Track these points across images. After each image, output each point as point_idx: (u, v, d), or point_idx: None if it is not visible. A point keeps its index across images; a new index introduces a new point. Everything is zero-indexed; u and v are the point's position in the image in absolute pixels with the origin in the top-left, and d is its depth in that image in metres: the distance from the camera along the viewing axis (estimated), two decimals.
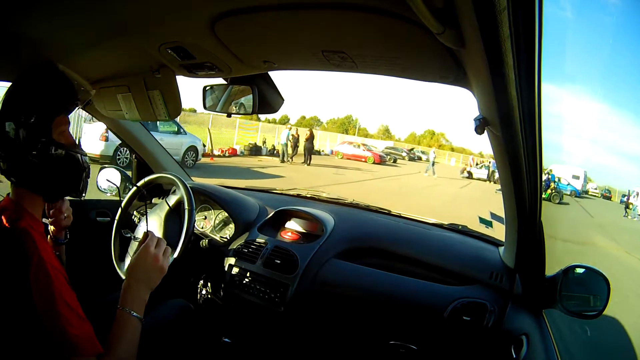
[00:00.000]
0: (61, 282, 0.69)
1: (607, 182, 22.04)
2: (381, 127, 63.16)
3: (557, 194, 13.10)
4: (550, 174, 13.51)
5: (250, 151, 14.01)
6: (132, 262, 0.84)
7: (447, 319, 1.11)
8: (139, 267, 0.83)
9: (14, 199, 0.77)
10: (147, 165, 1.68)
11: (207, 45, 0.82)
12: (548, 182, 13.11)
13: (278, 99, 1.07)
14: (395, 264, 1.29)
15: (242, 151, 13.77)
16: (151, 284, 0.83)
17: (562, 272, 0.98)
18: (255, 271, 1.33)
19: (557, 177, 13.80)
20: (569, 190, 14.90)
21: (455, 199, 10.35)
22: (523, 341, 0.91)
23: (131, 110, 1.13)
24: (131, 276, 0.82)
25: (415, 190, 11.09)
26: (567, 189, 14.66)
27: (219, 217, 1.57)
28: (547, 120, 0.63)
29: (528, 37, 0.47)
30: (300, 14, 0.66)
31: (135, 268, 0.83)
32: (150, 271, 0.83)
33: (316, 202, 1.72)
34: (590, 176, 19.17)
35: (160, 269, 0.85)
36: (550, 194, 12.99)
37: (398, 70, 0.78)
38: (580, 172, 17.66)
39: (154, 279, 0.84)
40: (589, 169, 18.94)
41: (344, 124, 57.83)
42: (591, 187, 20.05)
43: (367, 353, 1.27)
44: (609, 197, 20.63)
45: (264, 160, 13.08)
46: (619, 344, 2.44)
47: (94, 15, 0.76)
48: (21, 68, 0.83)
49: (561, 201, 13.17)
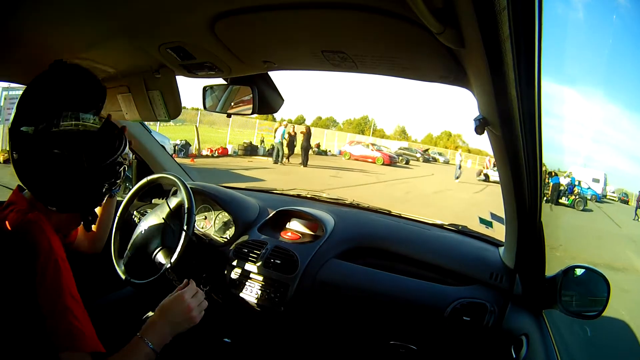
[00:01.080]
0: (69, 275, 0.69)
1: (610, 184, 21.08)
2: (397, 127, 63.12)
3: (581, 200, 12.35)
4: (570, 177, 12.90)
5: (244, 151, 13.18)
6: (167, 302, 0.85)
7: (447, 319, 1.11)
8: (172, 309, 0.84)
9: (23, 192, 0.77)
10: (147, 165, 1.68)
11: (207, 45, 0.82)
12: (571, 187, 12.56)
13: (278, 99, 1.07)
14: (396, 264, 1.29)
15: (236, 151, 13.01)
16: (177, 329, 0.83)
17: (562, 272, 0.98)
18: (255, 271, 1.33)
19: (577, 181, 13.10)
20: (590, 194, 13.82)
21: (469, 207, 8.72)
22: (523, 341, 0.91)
23: (131, 110, 1.13)
24: (161, 314, 0.82)
25: (423, 196, 9.96)
26: (587, 193, 13.62)
27: (219, 217, 1.57)
28: (547, 120, 0.63)
29: (528, 37, 0.47)
30: (300, 14, 0.65)
31: (168, 308, 0.83)
32: (181, 317, 0.84)
33: (316, 202, 1.72)
34: None
35: (191, 319, 0.86)
36: (574, 199, 12.30)
37: (398, 70, 0.78)
38: (600, 175, 16.36)
39: (182, 326, 0.84)
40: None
41: (360, 124, 57.48)
42: (609, 190, 18.66)
43: (367, 353, 1.27)
44: (627, 200, 18.98)
45: (256, 161, 12.22)
46: (619, 344, 2.44)
47: (94, 15, 0.76)
48: (21, 68, 0.83)
49: (585, 208, 12.40)
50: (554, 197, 11.86)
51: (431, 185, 12.74)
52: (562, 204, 12.16)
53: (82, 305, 0.69)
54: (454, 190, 12.19)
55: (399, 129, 62.64)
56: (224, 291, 1.41)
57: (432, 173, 17.20)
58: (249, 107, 1.04)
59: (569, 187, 12.51)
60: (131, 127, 1.57)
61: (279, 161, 12.28)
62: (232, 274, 1.38)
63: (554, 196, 11.88)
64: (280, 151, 12.35)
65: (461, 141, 57.78)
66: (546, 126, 0.66)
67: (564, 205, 12.14)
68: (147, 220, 1.37)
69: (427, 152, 28.57)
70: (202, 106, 1.13)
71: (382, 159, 17.76)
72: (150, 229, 1.33)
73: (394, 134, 59.33)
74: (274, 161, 12.27)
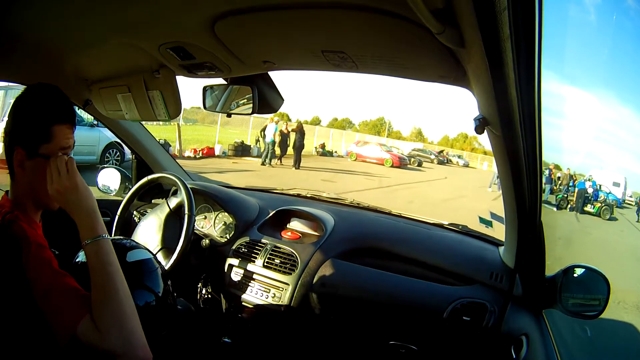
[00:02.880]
0: (54, 262, 0.69)
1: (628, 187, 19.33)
2: (414, 129, 62.21)
3: (607, 208, 10.74)
4: (591, 181, 11.47)
5: (235, 151, 11.93)
6: None
7: (447, 319, 1.11)
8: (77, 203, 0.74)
9: (11, 197, 0.77)
10: (147, 165, 1.68)
11: (207, 45, 0.82)
12: (596, 193, 11.09)
13: (278, 99, 1.07)
14: (395, 264, 1.29)
15: (225, 151, 11.74)
16: (82, 209, 0.73)
17: (562, 272, 0.98)
18: (255, 271, 1.33)
19: (597, 185, 11.57)
20: (611, 199, 12.09)
21: None
22: (523, 341, 0.91)
23: (131, 110, 1.13)
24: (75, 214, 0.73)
25: (429, 205, 8.29)
26: (609, 198, 11.96)
27: (219, 217, 1.57)
28: (547, 120, 0.63)
29: (528, 37, 0.46)
30: (300, 14, 0.66)
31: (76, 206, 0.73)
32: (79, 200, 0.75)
33: (316, 202, 1.72)
34: None
35: None
36: (600, 207, 10.64)
37: (398, 70, 0.78)
38: (620, 179, 14.86)
39: (80, 205, 0.74)
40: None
41: (376, 126, 56.36)
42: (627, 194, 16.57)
43: (367, 353, 1.27)
44: None
45: (241, 163, 10.85)
46: (619, 344, 2.44)
47: (94, 15, 0.76)
48: (21, 68, 0.83)
49: (611, 216, 10.84)
50: (579, 204, 10.66)
51: (442, 190, 10.93)
52: (588, 212, 10.72)
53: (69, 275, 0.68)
54: (469, 197, 10.13)
55: (415, 130, 61.80)
56: (224, 291, 1.41)
57: (445, 176, 15.61)
58: (249, 107, 1.04)
59: (594, 194, 11.12)
60: (131, 127, 1.57)
61: (267, 162, 10.90)
62: (232, 274, 1.38)
63: (579, 204, 10.69)
64: (269, 151, 10.95)
65: (477, 143, 57.30)
66: (546, 125, 0.66)
67: (590, 213, 10.66)
68: (147, 220, 1.37)
69: (442, 154, 26.23)
70: (202, 106, 1.13)
71: (391, 160, 16.45)
72: (150, 229, 1.33)
73: (410, 135, 58.42)
74: (262, 162, 10.92)
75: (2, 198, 0.78)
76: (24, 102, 0.75)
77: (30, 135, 0.73)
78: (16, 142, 0.73)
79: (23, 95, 0.76)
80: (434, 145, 42.80)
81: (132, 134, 1.59)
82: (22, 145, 0.73)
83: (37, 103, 0.75)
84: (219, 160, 10.62)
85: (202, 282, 1.48)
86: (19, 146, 0.73)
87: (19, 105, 0.75)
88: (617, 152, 20.78)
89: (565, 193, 11.52)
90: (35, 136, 0.73)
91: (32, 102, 0.75)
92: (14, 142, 0.73)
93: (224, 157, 11.38)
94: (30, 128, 0.73)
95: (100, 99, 1.20)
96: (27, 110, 0.74)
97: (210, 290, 1.47)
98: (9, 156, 0.75)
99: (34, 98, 0.76)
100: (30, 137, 0.73)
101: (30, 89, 0.77)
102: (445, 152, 27.50)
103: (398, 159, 16.91)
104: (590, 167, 14.34)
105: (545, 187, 11.43)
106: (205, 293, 1.46)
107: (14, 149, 0.73)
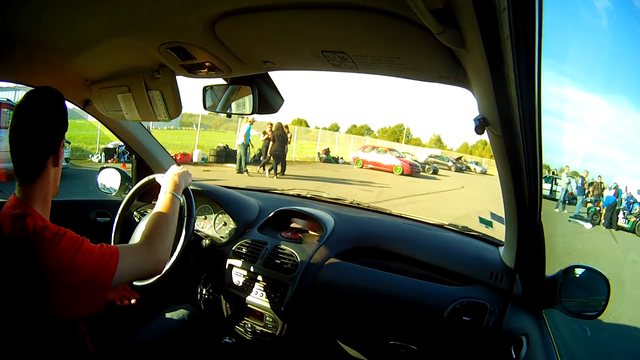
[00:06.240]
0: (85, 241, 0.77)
1: None
2: (433, 136, 61.84)
3: None
4: (617, 189, 9.95)
5: (217, 157, 10.98)
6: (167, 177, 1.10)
7: (447, 319, 1.11)
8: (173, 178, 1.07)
9: (20, 197, 0.78)
10: (147, 165, 1.68)
11: (207, 45, 0.82)
12: (630, 206, 9.42)
13: (278, 99, 1.07)
14: (396, 264, 1.29)
15: (205, 157, 10.85)
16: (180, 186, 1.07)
17: (562, 272, 0.98)
18: (255, 271, 1.33)
19: (629, 194, 10.02)
20: (638, 209, 10.05)
21: None
22: (523, 341, 0.91)
23: (131, 110, 1.13)
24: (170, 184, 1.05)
25: None
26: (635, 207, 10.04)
27: (219, 218, 1.57)
28: (547, 120, 0.63)
29: (528, 37, 0.47)
30: (300, 14, 0.66)
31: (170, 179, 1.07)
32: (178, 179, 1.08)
33: (316, 202, 1.72)
34: None
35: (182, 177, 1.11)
36: (635, 222, 8.83)
37: (398, 70, 0.78)
38: None
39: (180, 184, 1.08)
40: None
41: (395, 132, 55.79)
42: None
43: (367, 353, 1.27)
44: None
45: (215, 170, 9.62)
46: (619, 343, 2.44)
47: (94, 15, 0.77)
48: (21, 68, 0.83)
49: None
50: (614, 220, 8.90)
51: (456, 204, 8.83)
52: (621, 227, 8.99)
53: None
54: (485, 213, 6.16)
55: (434, 137, 61.43)
56: (224, 291, 1.41)
57: (462, 186, 13.66)
58: (249, 107, 1.04)
59: (627, 206, 9.48)
60: (131, 127, 1.57)
61: (243, 169, 9.41)
62: (232, 274, 1.38)
63: (615, 219, 8.93)
64: (242, 156, 9.46)
65: None
66: (546, 126, 0.66)
67: (623, 229, 8.92)
68: None
69: (460, 160, 24.12)
70: (202, 106, 1.13)
71: (402, 167, 14.70)
72: None
73: (429, 142, 57.85)
74: (237, 170, 9.48)
75: (10, 199, 0.80)
76: (53, 113, 0.80)
77: (59, 145, 0.81)
78: (50, 152, 0.80)
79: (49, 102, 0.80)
80: (452, 152, 40.56)
81: (132, 134, 1.59)
82: (54, 154, 0.81)
83: (63, 113, 0.82)
84: (193, 168, 9.08)
85: (202, 282, 1.48)
86: (52, 154, 0.81)
87: (48, 115, 0.80)
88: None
89: (597, 206, 9.76)
90: (60, 145, 0.82)
91: (59, 112, 0.81)
92: (48, 151, 0.80)
93: (201, 164, 10.31)
94: (60, 138, 0.81)
95: (100, 99, 1.20)
96: (57, 122, 0.81)
97: (211, 290, 1.47)
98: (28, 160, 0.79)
99: (60, 107, 0.82)
100: (58, 147, 0.81)
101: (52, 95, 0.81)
102: (464, 159, 25.70)
103: (409, 165, 15.18)
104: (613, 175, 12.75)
105: (578, 199, 10.18)
106: (205, 293, 1.46)
107: (44, 156, 0.79)
